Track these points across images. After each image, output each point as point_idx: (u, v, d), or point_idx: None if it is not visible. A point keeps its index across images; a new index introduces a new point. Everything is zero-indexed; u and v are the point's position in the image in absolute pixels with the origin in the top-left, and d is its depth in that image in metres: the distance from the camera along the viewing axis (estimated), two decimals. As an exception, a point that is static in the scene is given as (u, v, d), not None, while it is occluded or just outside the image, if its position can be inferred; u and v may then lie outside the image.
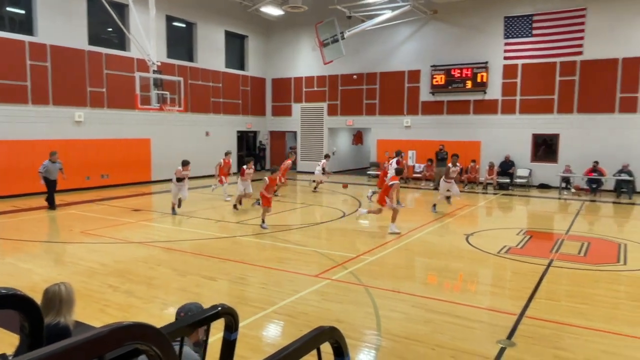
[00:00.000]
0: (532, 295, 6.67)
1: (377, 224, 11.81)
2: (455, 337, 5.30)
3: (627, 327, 5.65)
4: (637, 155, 17.64)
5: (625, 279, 7.74)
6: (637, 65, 17.89)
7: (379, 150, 23.35)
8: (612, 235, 10.92)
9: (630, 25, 17.89)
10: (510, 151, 20.10)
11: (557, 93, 19.39)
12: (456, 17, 21.12)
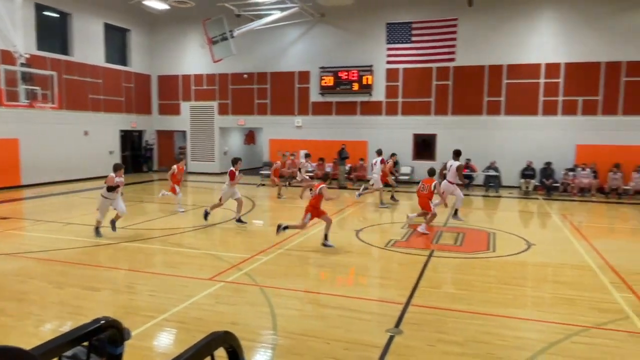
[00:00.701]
0: (416, 285, 7.14)
1: (273, 222, 11.84)
2: (348, 329, 5.50)
3: (499, 308, 6.30)
4: (502, 153, 19.67)
5: (495, 264, 8.60)
6: (501, 72, 19.98)
7: (272, 149, 23.41)
8: (483, 226, 12.08)
9: (494, 36, 19.91)
10: (395, 150, 21.28)
11: (434, 96, 20.98)
12: (343, 21, 21.88)
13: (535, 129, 19.65)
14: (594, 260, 8.69)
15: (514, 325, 5.76)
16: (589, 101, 19.05)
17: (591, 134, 18.97)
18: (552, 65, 19.37)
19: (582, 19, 18.87)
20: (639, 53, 18.29)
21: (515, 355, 4.87)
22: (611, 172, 17.88)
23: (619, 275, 7.79)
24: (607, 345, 5.16)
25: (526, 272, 8.22)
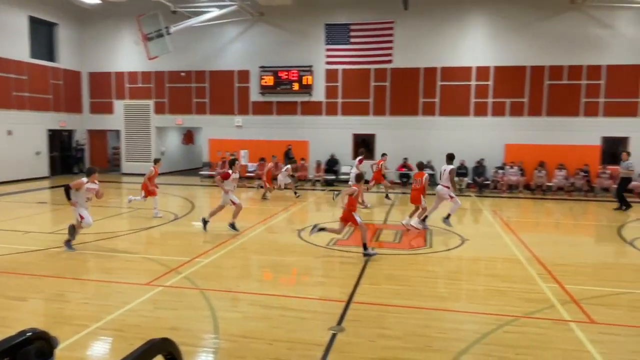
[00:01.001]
0: (357, 282, 7.27)
1: (213, 224, 11.62)
2: (290, 329, 5.51)
3: (436, 302, 6.53)
4: (437, 152, 20.35)
5: (432, 260, 8.91)
6: (435, 75, 20.72)
7: (211, 150, 22.98)
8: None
9: (429, 39, 20.61)
10: (335, 150, 21.56)
11: (372, 97, 21.42)
12: (282, 21, 21.85)
13: (467, 129, 20.54)
14: (522, 253, 9.21)
15: (451, 318, 5.99)
16: (516, 103, 20.17)
17: (518, 134, 20.09)
18: (482, 69, 20.33)
19: (509, 25, 19.94)
20: (560, 58, 19.60)
21: (452, 347, 5.07)
22: (536, 170, 19.04)
23: (544, 266, 8.30)
24: (535, 333, 5.48)
25: (461, 267, 8.57)
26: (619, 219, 13.57)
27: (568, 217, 14.58)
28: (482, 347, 5.09)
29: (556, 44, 19.57)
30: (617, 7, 18.46)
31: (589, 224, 14.05)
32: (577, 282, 7.46)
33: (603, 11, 18.98)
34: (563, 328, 5.65)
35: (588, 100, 19.62)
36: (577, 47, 19.46)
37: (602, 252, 10.04)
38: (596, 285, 7.40)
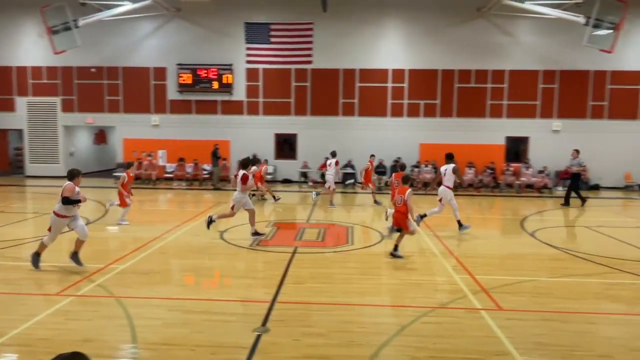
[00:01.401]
0: (281, 282, 7.28)
1: (129, 229, 11.09)
2: (214, 333, 5.40)
3: (358, 297, 6.71)
4: (357, 152, 20.92)
5: (354, 256, 9.13)
6: (354, 76, 21.24)
7: (126, 150, 21.91)
8: (342, 221, 12.73)
9: (348, 41, 21.08)
10: (257, 149, 21.41)
11: (294, 97, 21.54)
12: (200, 17, 21.33)
13: (385, 129, 21.28)
14: (438, 247, 9.71)
15: (372, 312, 6.19)
16: (429, 104, 21.21)
17: (431, 133, 21.15)
18: (398, 71, 21.16)
19: (423, 30, 20.92)
20: (468, 63, 20.89)
21: (374, 340, 5.24)
22: (449, 167, 20.11)
23: (457, 259, 8.81)
24: (451, 322, 5.80)
25: (381, 262, 8.86)
26: (522, 213, 14.71)
27: (477, 212, 15.56)
28: (402, 339, 5.31)
29: (464, 49, 20.82)
30: (516, 16, 19.97)
31: (496, 217, 15.09)
32: (486, 272, 8.00)
33: (505, 20, 20.47)
34: (475, 316, 6.03)
35: (493, 103, 21.08)
36: (483, 53, 20.84)
37: (508, 244, 10.83)
38: (503, 274, 7.98)
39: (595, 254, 9.29)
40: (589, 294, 7.07)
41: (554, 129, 21.03)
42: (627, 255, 9.37)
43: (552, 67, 20.83)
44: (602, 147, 20.60)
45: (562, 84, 20.88)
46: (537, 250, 9.88)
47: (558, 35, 20.24)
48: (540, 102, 21.04)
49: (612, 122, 20.90)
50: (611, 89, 20.82)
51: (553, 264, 8.77)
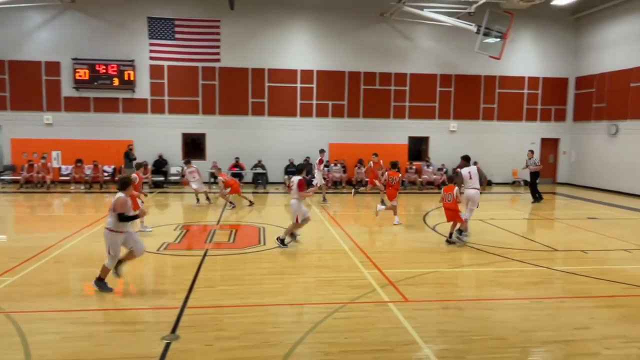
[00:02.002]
0: (191, 286, 7.08)
1: (19, 237, 10.14)
2: (120, 345, 5.13)
3: (271, 298, 6.71)
4: (267, 152, 20.89)
5: (266, 256, 9.11)
6: (263, 75, 21.16)
7: (14, 151, 19.99)
8: (254, 221, 12.64)
9: (256, 40, 20.95)
10: (163, 150, 20.60)
11: (201, 96, 20.99)
12: (97, 10, 20.05)
13: (295, 129, 21.46)
14: (347, 244, 9.99)
15: (285, 312, 6.22)
16: (337, 105, 21.73)
17: (340, 134, 21.70)
18: (307, 72, 21.42)
19: (329, 32, 21.37)
20: (373, 65, 21.70)
21: (288, 339, 5.27)
22: (356, 166, 20.77)
23: (366, 254, 9.13)
24: (361, 317, 6.01)
25: (293, 261, 8.93)
26: (424, 209, 15.57)
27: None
28: (315, 336, 5.40)
29: (369, 52, 21.60)
30: (416, 22, 21.09)
31: (401, 213, 15.78)
32: (393, 266, 8.37)
33: (406, 25, 21.53)
34: (383, 309, 6.29)
35: (396, 104, 22.10)
36: (387, 56, 21.75)
37: (412, 238, 11.41)
38: (408, 267, 8.40)
39: (489, 245, 10.09)
40: (484, 282, 7.67)
41: (451, 129, 22.51)
42: (515, 244, 10.30)
43: (449, 72, 22.27)
44: (493, 146, 22.43)
45: (457, 87, 22.41)
46: (439, 243, 10.51)
47: (453, 42, 21.68)
48: (438, 104, 22.40)
49: (501, 123, 22.81)
50: (500, 92, 22.71)
51: (452, 255, 9.39)
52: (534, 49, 22.84)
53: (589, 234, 11.82)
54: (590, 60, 22.07)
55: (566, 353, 5.10)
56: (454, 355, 4.99)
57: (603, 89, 21.23)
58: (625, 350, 5.16)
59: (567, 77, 23.12)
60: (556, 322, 5.97)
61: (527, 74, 22.83)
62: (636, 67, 19.22)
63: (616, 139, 20.42)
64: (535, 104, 23.06)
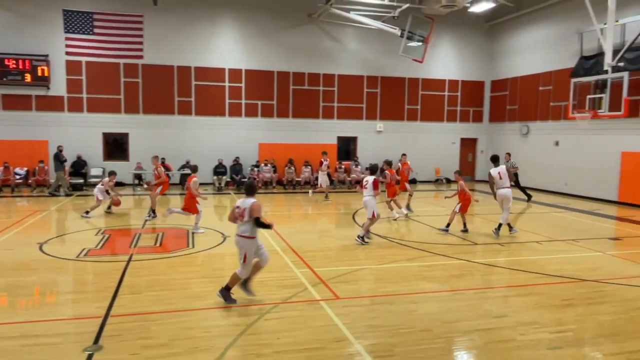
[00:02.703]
0: (115, 293, 6.76)
1: None
2: (35, 359, 4.79)
3: (201, 302, 6.55)
4: (195, 152, 20.36)
5: (195, 259, 8.90)
6: (189, 74, 20.61)
7: None
8: (182, 224, 12.27)
9: (181, 37, 20.36)
10: (82, 150, 19.48)
11: (123, 93, 20.07)
12: (6, 1, 18.57)
13: (223, 128, 21.10)
14: (278, 244, 9.98)
15: (216, 315, 6.11)
16: (267, 105, 21.64)
17: (270, 133, 21.63)
18: (235, 71, 21.15)
19: (257, 31, 21.22)
20: (301, 66, 21.83)
21: (219, 344, 5.18)
22: (287, 166, 20.80)
23: (297, 254, 9.18)
24: (293, 316, 6.03)
25: (224, 263, 8.79)
26: (353, 207, 15.90)
27: (314, 208, 16.34)
28: (247, 338, 5.35)
29: (298, 52, 21.70)
30: (344, 24, 21.48)
31: (331, 212, 16.04)
32: (324, 264, 8.48)
33: (334, 27, 21.86)
34: (315, 307, 6.36)
35: (325, 105, 22.38)
36: (315, 57, 21.97)
37: (342, 236, 11.59)
38: (339, 265, 8.55)
39: (414, 240, 10.50)
40: (410, 276, 7.97)
41: (377, 129, 23.14)
42: (439, 240, 10.79)
43: (375, 73, 22.89)
44: (417, 146, 23.32)
45: (383, 89, 23.08)
46: (368, 240, 10.77)
47: (379, 45, 22.30)
48: (365, 105, 22.95)
49: (424, 124, 23.79)
50: (423, 94, 23.68)
51: (381, 252, 9.67)
52: (454, 53, 24.03)
53: (505, 228, 12.63)
54: (504, 65, 23.58)
55: (486, 341, 5.43)
56: (383, 349, 5.14)
57: (515, 92, 22.76)
58: (538, 335, 5.57)
59: (484, 81, 24.55)
60: (477, 312, 6.33)
61: (448, 77, 23.97)
62: (544, 72, 20.78)
63: (527, 138, 21.97)
64: (455, 106, 24.26)
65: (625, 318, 6.20)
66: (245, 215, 6.30)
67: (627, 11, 16.02)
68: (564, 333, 5.67)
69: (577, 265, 8.93)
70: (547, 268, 8.52)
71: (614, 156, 17.11)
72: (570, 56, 18.92)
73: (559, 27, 19.91)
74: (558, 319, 6.11)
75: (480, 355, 5.16)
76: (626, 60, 14.80)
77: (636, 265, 8.59)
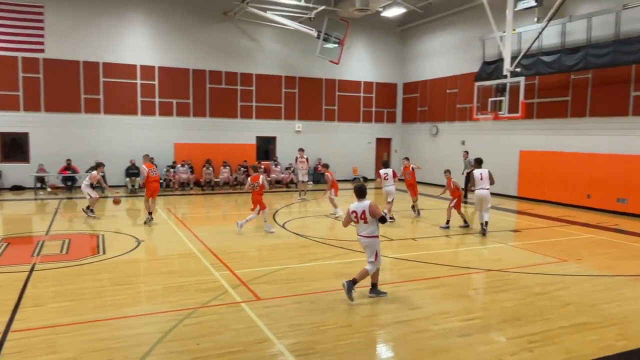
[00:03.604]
0: (16, 307, 6.23)
1: None
2: None
3: (113, 311, 6.20)
4: (106, 153, 19.22)
5: (107, 267, 8.41)
6: (97, 70, 19.43)
7: None
8: (90, 229, 11.57)
9: (87, 30, 19.13)
10: (-27, 152, 17.71)
11: (22, 90, 18.49)
12: None
13: (136, 128, 20.15)
14: (197, 247, 9.73)
15: (131, 324, 5.83)
16: (182, 104, 20.97)
17: (186, 133, 20.98)
18: (148, 68, 20.26)
19: (171, 27, 20.49)
20: (218, 64, 21.41)
21: (135, 353, 4.95)
22: (205, 167, 20.30)
23: (217, 256, 9.00)
24: (213, 320, 5.90)
25: (138, 269, 8.41)
26: (273, 207, 15.87)
27: (234, 209, 16.12)
28: (165, 346, 5.16)
29: (214, 50, 21.27)
30: (261, 24, 21.38)
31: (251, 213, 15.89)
32: (244, 266, 8.40)
33: (251, 26, 21.68)
34: (236, 310, 6.27)
35: (243, 104, 22.13)
36: (232, 56, 21.65)
37: (263, 237, 11.54)
38: (260, 266, 8.50)
39: (333, 239, 10.71)
40: (330, 273, 8.11)
41: (296, 129, 23.28)
42: (355, 236, 11.06)
43: (293, 74, 23.00)
44: (335, 146, 23.79)
45: (301, 89, 23.27)
46: (288, 240, 10.83)
47: (297, 45, 22.44)
48: (284, 104, 22.99)
49: (341, 124, 24.30)
50: (339, 95, 24.17)
51: (302, 251, 9.75)
52: (368, 55, 24.77)
53: (419, 224, 13.26)
54: (415, 68, 24.70)
55: (403, 332, 5.67)
56: (305, 347, 5.19)
57: (426, 94, 23.94)
58: (449, 324, 5.91)
59: (397, 83, 25.56)
60: (393, 305, 6.59)
61: (363, 79, 24.67)
62: (451, 75, 22.04)
63: (437, 138, 23.19)
64: (370, 107, 25.03)
65: (525, 303, 6.75)
66: (367, 217, 6.66)
67: (524, 21, 17.44)
68: (473, 321, 6.06)
69: (483, 257, 9.59)
70: (457, 260, 9.06)
71: (514, 154, 18.55)
72: (474, 61, 20.25)
73: (464, 34, 21.22)
74: (467, 308, 6.52)
75: (397, 347, 5.38)
76: (522, 66, 16.09)
77: (533, 255, 9.38)
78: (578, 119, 16.47)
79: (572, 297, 7.03)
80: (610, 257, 9.53)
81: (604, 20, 15.27)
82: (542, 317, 6.17)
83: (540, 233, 12.04)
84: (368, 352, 5.25)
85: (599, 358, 5.08)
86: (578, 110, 16.45)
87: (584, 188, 15.85)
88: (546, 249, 10.07)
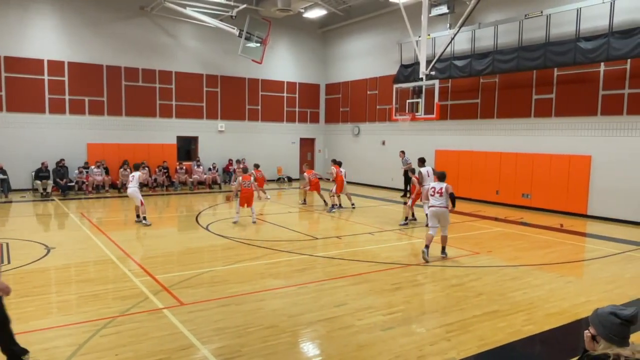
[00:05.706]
0: None
1: None
2: None
3: (19, 325, 5.69)
4: (9, 154, 17.77)
5: (12, 277, 7.74)
6: (-2, 64, 17.90)
7: None
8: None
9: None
10: None
11: None
12: None
13: (44, 127, 18.77)
14: (114, 253, 9.26)
15: (40, 338, 5.42)
16: (95, 102, 19.82)
17: (100, 133, 19.87)
18: (56, 63, 18.95)
19: (83, 21, 19.30)
20: (135, 61, 20.48)
21: (46, 369, 4.62)
22: (121, 168, 19.32)
23: (136, 262, 8.62)
24: (133, 329, 5.65)
25: (48, 279, 7.85)
26: (196, 209, 15.48)
27: (153, 212, 15.50)
28: (80, 359, 4.87)
29: (130, 46, 20.32)
30: (180, 20, 20.75)
31: (172, 215, 15.40)
32: (166, 270, 8.12)
33: (169, 22, 20.96)
34: (158, 316, 6.05)
35: (163, 103, 21.34)
36: (150, 52, 20.80)
37: (185, 239, 11.23)
38: (183, 270, 8.26)
39: (259, 239, 10.64)
40: (256, 275, 8.06)
41: (219, 129, 22.85)
42: (282, 236, 11.10)
43: (214, 72, 22.54)
44: (259, 146, 23.64)
45: (224, 88, 22.86)
46: (212, 242, 10.62)
47: (218, 43, 22.02)
48: (205, 104, 22.47)
49: (265, 124, 24.19)
50: (263, 95, 24.04)
51: (226, 253, 9.60)
52: (291, 56, 24.85)
53: (341, 222, 13.54)
54: (336, 69, 25.14)
55: (328, 329, 5.76)
56: (230, 351, 5.12)
57: (347, 95, 24.45)
58: (373, 319, 6.10)
59: (319, 84, 25.88)
60: (319, 303, 6.68)
61: (286, 79, 24.72)
62: (371, 77, 22.68)
63: (358, 138, 23.78)
64: (293, 107, 25.14)
65: (443, 295, 7.12)
66: (443, 193, 9.05)
67: (438, 27, 18.35)
68: (395, 314, 6.30)
69: (404, 252, 9.98)
70: (379, 256, 9.36)
71: (430, 153, 19.45)
72: (393, 64, 20.99)
73: (383, 37, 21.92)
74: (389, 302, 6.76)
75: (323, 344, 5.46)
76: (437, 69, 16.90)
77: (449, 249, 9.90)
78: (487, 120, 17.61)
79: (484, 287, 7.52)
80: (516, 249, 10.30)
81: (509, 28, 16.44)
82: (458, 307, 6.54)
83: (455, 227, 12.73)
84: (294, 352, 5.28)
85: (508, 343, 5.48)
86: (487, 112, 17.59)
87: (494, 184, 17.00)
88: (461, 242, 10.68)
